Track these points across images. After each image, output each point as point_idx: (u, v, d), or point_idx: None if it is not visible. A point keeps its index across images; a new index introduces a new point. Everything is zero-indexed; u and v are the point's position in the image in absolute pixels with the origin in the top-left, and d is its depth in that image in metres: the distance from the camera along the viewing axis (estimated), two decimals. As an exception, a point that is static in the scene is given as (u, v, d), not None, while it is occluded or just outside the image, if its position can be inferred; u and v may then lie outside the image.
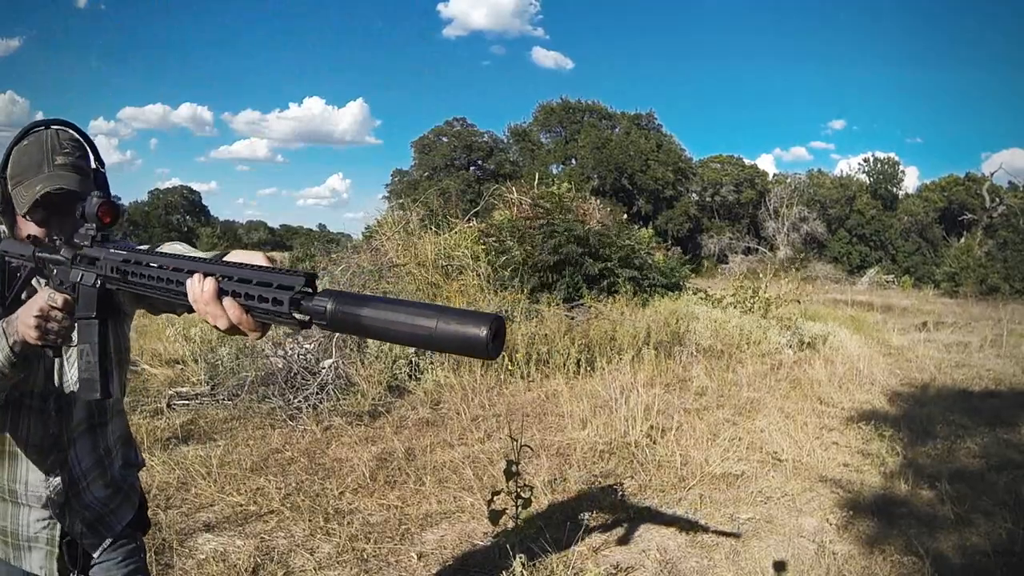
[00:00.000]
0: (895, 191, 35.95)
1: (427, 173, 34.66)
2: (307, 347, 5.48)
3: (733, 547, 3.02)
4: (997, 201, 29.85)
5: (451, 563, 2.82)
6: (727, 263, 29.56)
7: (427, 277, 7.20)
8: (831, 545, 3.05)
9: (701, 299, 9.39)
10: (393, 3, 60.16)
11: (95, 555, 1.31)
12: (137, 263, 0.86)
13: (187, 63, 61.70)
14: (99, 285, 0.93)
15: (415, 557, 2.85)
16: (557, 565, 2.72)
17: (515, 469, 2.73)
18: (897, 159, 36.43)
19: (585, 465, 3.93)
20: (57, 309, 0.96)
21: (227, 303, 0.71)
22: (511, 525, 2.82)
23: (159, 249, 0.96)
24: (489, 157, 35.88)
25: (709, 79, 59.66)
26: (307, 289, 0.65)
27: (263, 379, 5.05)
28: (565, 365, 5.95)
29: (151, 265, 0.83)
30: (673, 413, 4.82)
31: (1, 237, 1.20)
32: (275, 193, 70.35)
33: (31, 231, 1.16)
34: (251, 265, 0.72)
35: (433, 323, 0.57)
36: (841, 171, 36.93)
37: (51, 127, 1.18)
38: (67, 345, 1.03)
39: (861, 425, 4.91)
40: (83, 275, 0.95)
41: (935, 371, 7.18)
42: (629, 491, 3.62)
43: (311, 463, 3.83)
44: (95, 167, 1.22)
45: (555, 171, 31.70)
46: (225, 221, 49.78)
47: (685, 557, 2.93)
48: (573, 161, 34.29)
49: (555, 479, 3.72)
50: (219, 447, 3.93)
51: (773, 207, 33.81)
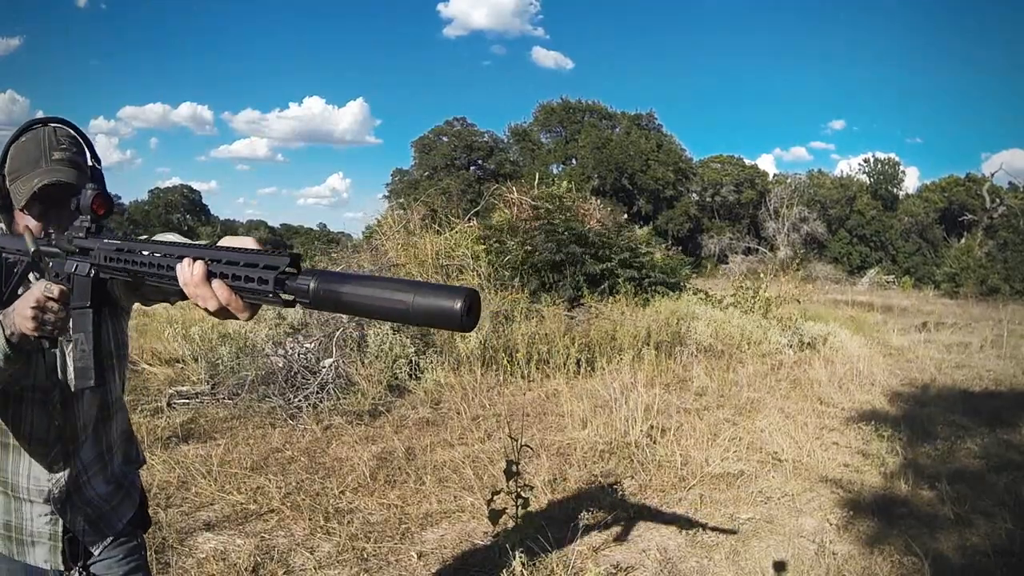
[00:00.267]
0: (895, 191, 35.98)
1: (427, 173, 34.67)
2: (307, 346, 5.47)
3: (733, 547, 3.03)
4: (997, 202, 29.85)
5: (451, 562, 2.83)
6: (727, 263, 29.56)
7: (427, 277, 7.20)
8: (831, 545, 3.05)
9: (701, 299, 9.38)
10: (393, 3, 60.22)
11: (96, 552, 1.31)
12: (130, 251, 0.88)
13: (187, 63, 61.69)
14: (93, 274, 0.94)
15: (415, 556, 2.85)
16: (557, 565, 2.73)
17: (515, 469, 2.73)
18: (897, 159, 36.49)
19: (585, 465, 3.93)
20: (53, 300, 0.97)
21: (216, 285, 0.72)
22: (511, 525, 2.82)
23: (153, 239, 0.97)
24: (489, 157, 35.89)
25: (709, 79, 59.71)
26: (291, 269, 0.67)
27: (263, 378, 5.05)
28: (565, 365, 5.95)
29: (143, 252, 0.85)
30: (673, 413, 4.83)
31: None
32: (275, 192, 70.34)
33: (29, 225, 1.16)
34: (239, 248, 0.74)
35: (410, 297, 0.59)
36: (841, 171, 36.98)
37: (49, 124, 1.20)
38: (64, 337, 1.03)
39: (861, 425, 4.91)
40: (77, 265, 0.96)
41: (935, 372, 7.18)
42: (629, 491, 3.62)
43: (311, 462, 3.83)
44: (91, 164, 1.23)
45: (555, 171, 31.69)
46: (225, 220, 49.76)
47: (685, 557, 2.93)
48: (573, 161, 34.30)
49: (555, 479, 3.72)
50: (219, 446, 3.93)
51: (773, 207, 33.82)
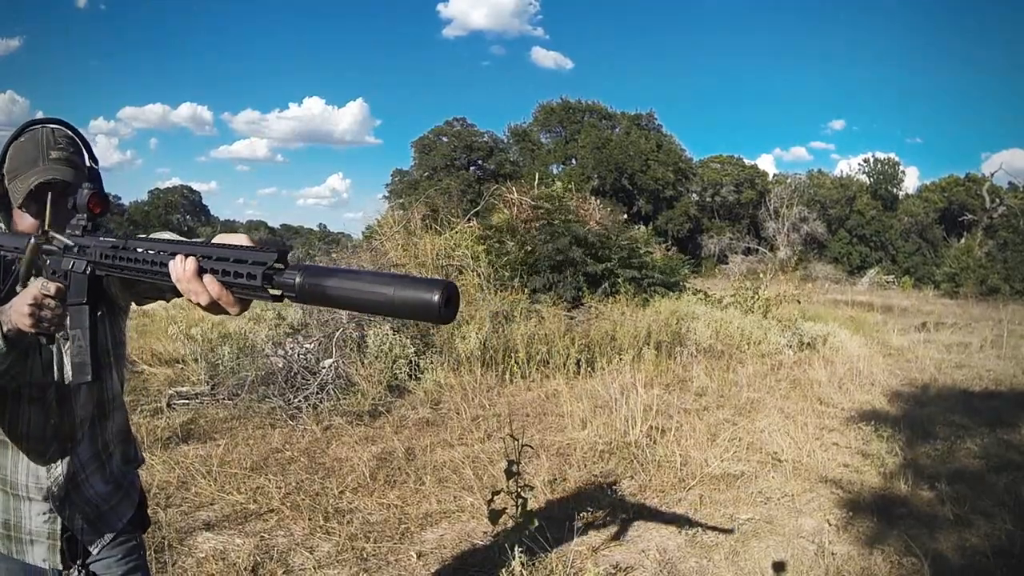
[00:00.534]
0: (895, 191, 35.97)
1: (427, 173, 34.66)
2: (307, 347, 5.47)
3: (733, 547, 3.03)
4: (997, 202, 29.86)
5: (451, 562, 2.83)
6: (727, 263, 29.56)
7: (428, 277, 7.19)
8: (831, 546, 3.05)
9: (701, 300, 9.39)
10: (393, 3, 60.23)
11: (94, 551, 1.31)
12: (125, 248, 0.90)
13: (187, 63, 61.71)
14: (89, 271, 0.96)
15: (415, 556, 2.85)
16: (557, 565, 2.73)
17: (515, 469, 2.73)
18: (897, 159, 36.48)
19: (585, 465, 3.93)
20: (50, 297, 0.98)
21: (207, 280, 0.74)
22: (511, 525, 2.82)
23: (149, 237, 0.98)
24: (489, 157, 35.88)
25: (709, 79, 59.72)
26: (279, 265, 0.69)
27: (263, 379, 5.05)
28: (565, 365, 5.95)
29: (137, 250, 0.87)
30: (673, 413, 4.83)
31: None
32: (275, 193, 70.38)
33: (27, 224, 1.18)
34: (229, 245, 0.76)
35: (390, 290, 0.61)
36: (841, 171, 36.98)
37: (47, 125, 1.21)
38: (61, 334, 1.04)
39: (861, 426, 4.91)
40: (74, 263, 0.97)
41: (935, 372, 7.18)
42: (629, 491, 3.62)
43: (311, 462, 3.83)
44: (89, 164, 1.24)
45: (555, 171, 31.71)
46: (225, 221, 49.76)
47: (685, 557, 2.94)
48: (573, 161, 34.30)
49: (555, 479, 3.72)
50: (219, 446, 3.93)
51: (773, 207, 33.82)
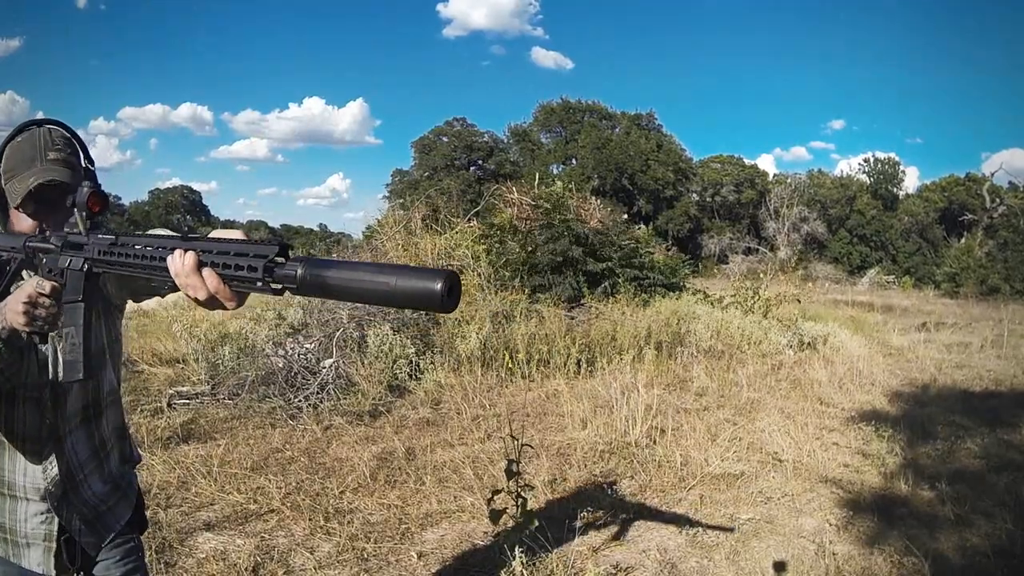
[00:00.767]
0: (895, 191, 36.00)
1: (427, 173, 34.67)
2: (308, 347, 5.48)
3: (733, 547, 3.03)
4: (997, 201, 29.87)
5: (451, 562, 2.83)
6: (727, 263, 29.56)
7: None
8: (831, 545, 3.05)
9: (701, 299, 9.38)
10: (393, 3, 60.28)
11: (93, 553, 1.30)
12: (123, 245, 0.90)
13: (187, 63, 61.84)
14: (86, 269, 0.95)
15: (415, 556, 2.85)
16: (557, 565, 2.73)
17: (515, 468, 2.73)
18: (897, 159, 36.55)
19: (585, 465, 3.93)
20: (45, 296, 0.98)
21: (206, 273, 0.74)
22: (511, 525, 2.82)
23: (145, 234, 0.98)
24: (489, 157, 35.89)
25: (709, 79, 59.87)
26: (279, 258, 0.69)
27: (263, 378, 5.05)
28: (566, 365, 5.95)
29: (135, 246, 0.87)
30: (673, 413, 4.82)
31: None
32: (275, 193, 70.50)
33: (24, 224, 1.18)
34: (228, 239, 0.76)
35: (392, 280, 0.61)
36: (841, 171, 37.05)
37: (44, 126, 1.21)
38: (55, 333, 1.04)
39: (861, 426, 4.90)
40: (71, 260, 0.97)
41: (935, 372, 7.18)
42: (629, 491, 3.62)
43: (311, 462, 3.83)
44: (85, 165, 1.24)
45: (555, 171, 31.71)
46: (226, 221, 49.77)
47: (685, 557, 2.94)
48: (573, 161, 34.31)
49: (555, 479, 3.72)
50: (219, 446, 3.94)
51: (773, 207, 33.83)
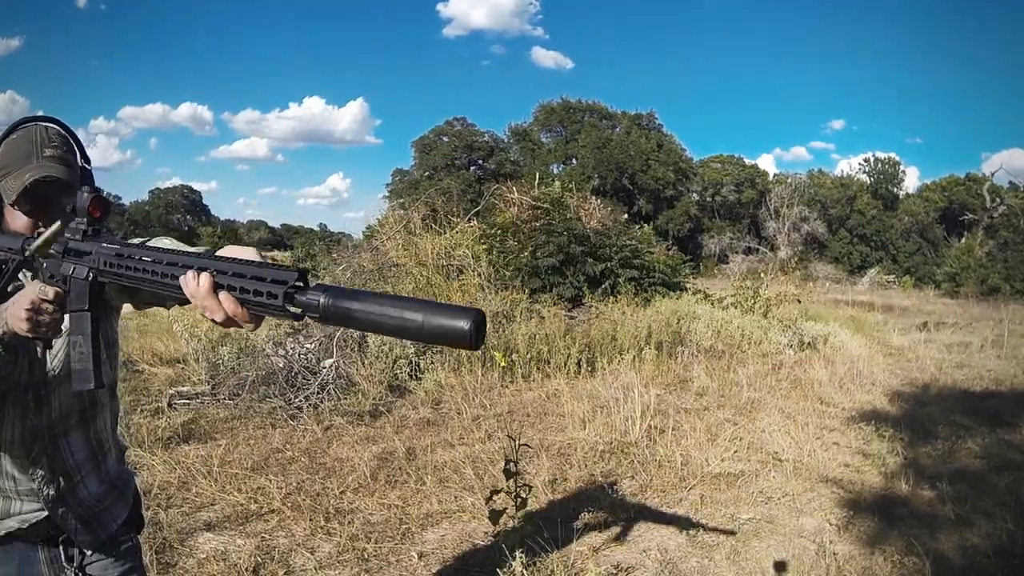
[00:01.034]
0: (896, 191, 36.01)
1: (428, 173, 34.67)
2: (308, 347, 5.47)
3: (734, 547, 3.02)
4: (998, 201, 29.86)
5: (451, 562, 2.83)
6: (727, 263, 29.56)
7: (428, 277, 7.20)
8: (832, 545, 3.04)
9: (702, 299, 9.38)
10: (393, 3, 60.30)
11: (89, 553, 1.29)
12: (130, 256, 0.88)
13: (187, 63, 61.90)
14: (91, 278, 0.94)
15: (416, 556, 2.85)
16: (557, 565, 2.73)
17: (515, 468, 2.73)
18: (897, 159, 36.57)
19: (585, 465, 3.93)
20: (48, 302, 0.97)
21: (223, 297, 0.73)
22: (512, 525, 2.82)
23: (149, 244, 0.98)
24: (490, 157, 35.90)
25: (709, 79, 59.89)
26: (299, 284, 0.69)
27: (264, 378, 5.05)
28: (566, 365, 5.95)
29: (144, 259, 0.85)
30: (674, 413, 4.82)
31: None
32: (275, 193, 70.61)
33: (19, 223, 1.16)
34: (245, 261, 0.76)
35: (420, 316, 0.61)
36: (841, 171, 37.06)
37: (40, 123, 1.19)
38: (56, 337, 1.03)
39: (862, 425, 4.90)
40: (75, 268, 0.96)
41: (936, 371, 7.18)
42: (629, 491, 3.62)
43: (312, 462, 3.83)
44: (81, 164, 1.22)
45: (556, 171, 31.70)
46: (226, 221, 49.84)
47: (686, 557, 2.93)
48: (574, 161, 34.30)
49: (555, 479, 3.72)
50: (220, 446, 3.93)
51: (774, 207, 33.82)
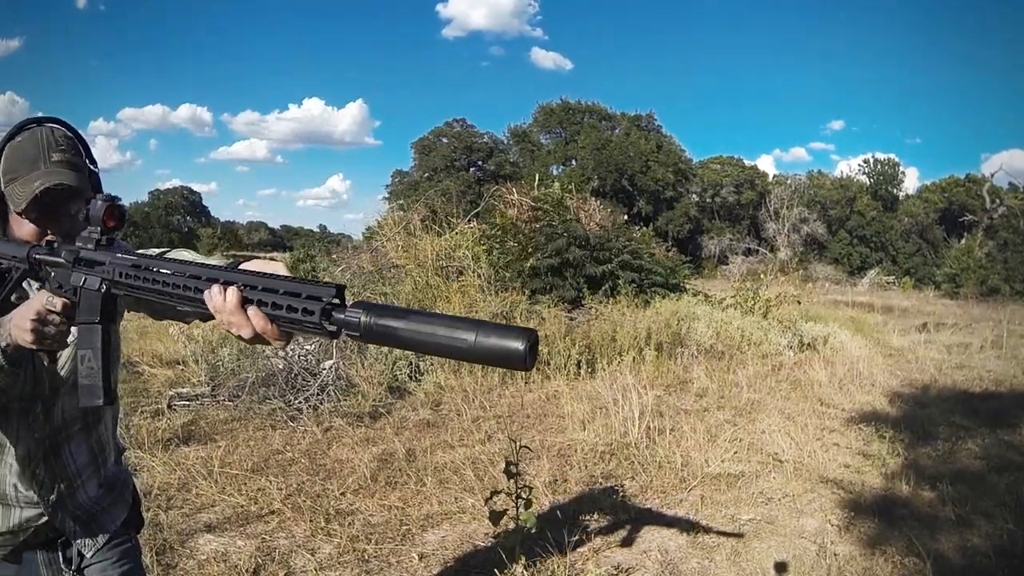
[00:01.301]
0: (895, 192, 36.06)
1: (427, 174, 34.72)
2: (307, 348, 5.47)
3: (734, 548, 3.02)
4: (997, 202, 29.89)
5: (452, 564, 2.82)
6: (727, 264, 29.57)
7: (427, 278, 7.20)
8: (832, 546, 3.04)
9: (701, 300, 9.39)
10: (392, 3, 60.39)
11: (88, 555, 1.28)
12: (147, 269, 0.84)
13: (187, 64, 62.09)
14: (104, 290, 0.90)
15: (416, 558, 2.85)
16: (558, 566, 2.72)
17: (515, 470, 2.73)
18: (897, 160, 36.61)
19: (586, 466, 3.93)
20: (55, 313, 0.92)
21: (251, 312, 0.70)
22: (512, 526, 2.82)
23: (168, 256, 0.94)
24: (489, 158, 35.93)
25: (709, 79, 60.05)
26: (336, 300, 0.66)
27: (264, 380, 5.04)
28: (566, 366, 5.95)
29: (164, 271, 0.81)
30: (673, 414, 4.82)
31: None
32: (275, 194, 70.78)
33: (25, 230, 1.11)
34: (275, 275, 0.73)
35: (471, 336, 0.58)
36: (841, 172, 37.11)
37: (44, 124, 1.14)
38: (62, 349, 1.00)
39: (862, 426, 4.90)
40: (86, 279, 0.91)
41: (936, 372, 7.18)
42: (630, 492, 3.62)
43: (312, 464, 3.83)
44: (88, 167, 1.17)
45: (555, 172, 31.75)
46: (225, 222, 49.96)
47: (686, 558, 2.93)
48: (573, 162, 34.34)
49: (556, 480, 3.72)
50: (220, 448, 3.93)
51: (773, 208, 33.86)
